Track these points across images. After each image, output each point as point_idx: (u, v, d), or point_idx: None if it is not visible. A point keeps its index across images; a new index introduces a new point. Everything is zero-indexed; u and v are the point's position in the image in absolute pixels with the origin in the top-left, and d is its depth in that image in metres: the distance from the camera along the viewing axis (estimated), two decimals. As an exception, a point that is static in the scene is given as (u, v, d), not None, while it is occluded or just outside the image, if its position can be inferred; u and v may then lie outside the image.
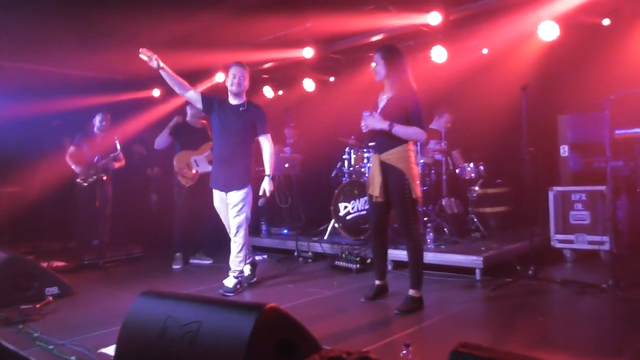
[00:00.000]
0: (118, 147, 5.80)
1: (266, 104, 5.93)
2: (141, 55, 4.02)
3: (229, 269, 4.46)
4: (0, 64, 6.79)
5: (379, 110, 3.72)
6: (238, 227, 4.33)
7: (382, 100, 3.77)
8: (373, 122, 3.61)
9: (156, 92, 8.35)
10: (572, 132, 5.30)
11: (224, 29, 6.13)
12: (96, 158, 5.96)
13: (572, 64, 5.68)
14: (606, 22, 5.39)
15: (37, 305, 3.96)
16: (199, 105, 4.46)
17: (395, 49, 3.74)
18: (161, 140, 5.78)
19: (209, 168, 5.68)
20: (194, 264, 5.84)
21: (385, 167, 3.65)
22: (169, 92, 8.02)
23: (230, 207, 4.36)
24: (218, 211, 4.61)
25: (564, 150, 5.32)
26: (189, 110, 5.83)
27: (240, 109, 4.40)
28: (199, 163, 5.71)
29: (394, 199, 3.66)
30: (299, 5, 5.53)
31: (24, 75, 6.96)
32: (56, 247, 6.66)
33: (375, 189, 3.70)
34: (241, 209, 4.31)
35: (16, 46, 6.15)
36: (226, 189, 4.40)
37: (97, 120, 6.26)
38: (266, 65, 7.66)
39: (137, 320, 2.19)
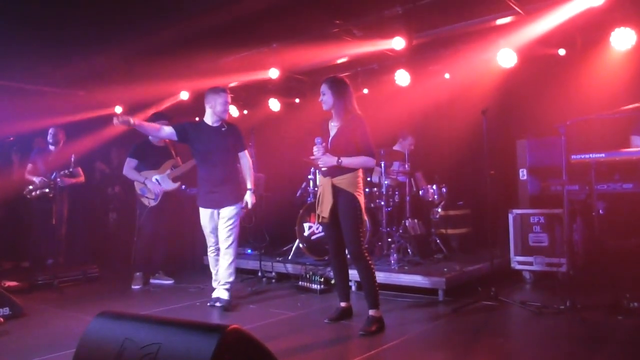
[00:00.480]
0: (72, 163, 5.64)
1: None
2: (118, 123, 4.05)
3: (218, 282, 4.61)
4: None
5: (330, 138, 3.80)
6: (232, 241, 4.51)
7: (332, 128, 3.85)
8: (324, 160, 3.71)
9: (118, 109, 8.19)
10: (530, 156, 5.48)
11: (189, 48, 6.12)
12: (53, 174, 5.77)
13: (530, 90, 5.91)
14: (562, 52, 5.65)
15: (-14, 327, 3.76)
16: (174, 138, 4.54)
17: (341, 80, 3.87)
18: (128, 167, 5.64)
19: (173, 186, 5.62)
20: (154, 284, 5.68)
21: (335, 190, 3.74)
22: (131, 109, 7.90)
23: (224, 221, 4.50)
24: (204, 228, 4.67)
25: (523, 173, 5.48)
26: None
27: (222, 129, 4.57)
28: (161, 181, 5.62)
29: (343, 221, 3.75)
30: (264, 27, 5.57)
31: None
32: (8, 266, 6.38)
33: (324, 210, 3.77)
34: (233, 222, 4.51)
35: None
36: (220, 205, 4.53)
37: (49, 135, 6.09)
38: (231, 85, 7.66)
39: (92, 342, 2.09)
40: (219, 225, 4.55)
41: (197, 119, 7.85)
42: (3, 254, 6.75)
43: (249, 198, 4.62)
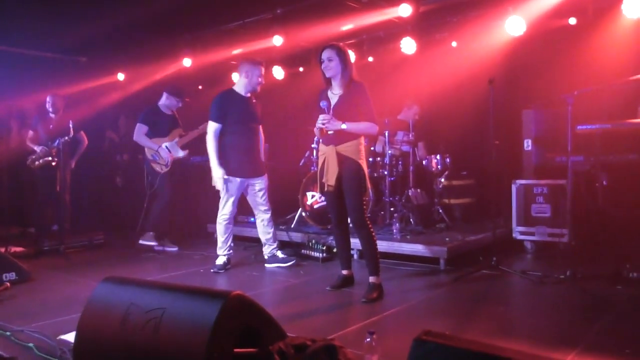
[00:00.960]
0: (72, 129, 5.63)
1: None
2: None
3: (273, 248, 4.96)
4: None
5: (332, 106, 3.76)
6: (269, 206, 4.90)
7: (334, 97, 3.81)
8: (331, 124, 3.67)
9: (120, 76, 8.12)
10: (536, 127, 5.43)
11: (190, 14, 6.02)
12: (56, 142, 5.77)
13: (538, 60, 5.81)
14: (572, 21, 5.52)
15: (-6, 291, 3.83)
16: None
17: (344, 47, 3.88)
18: (139, 133, 5.68)
19: (182, 153, 5.67)
20: (158, 251, 5.74)
21: (340, 158, 3.73)
22: (134, 76, 7.83)
23: (261, 191, 4.84)
24: (230, 197, 4.76)
25: (528, 144, 5.44)
26: (164, 97, 5.76)
27: (254, 100, 4.79)
28: (171, 149, 5.69)
29: (348, 189, 3.75)
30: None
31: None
32: (14, 231, 6.45)
33: (330, 178, 3.76)
34: (266, 191, 4.88)
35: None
36: (255, 174, 4.80)
37: (48, 103, 6.07)
38: (235, 52, 7.55)
39: (98, 306, 2.13)
40: (255, 195, 4.84)
41: (200, 87, 7.75)
42: (9, 220, 6.82)
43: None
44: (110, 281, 2.27)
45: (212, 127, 4.64)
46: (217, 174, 4.63)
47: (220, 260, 4.75)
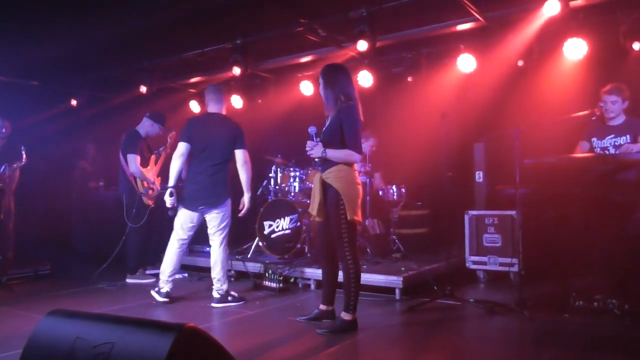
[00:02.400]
0: (24, 155, 5.42)
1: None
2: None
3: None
4: None
5: (323, 130, 3.68)
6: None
7: (328, 120, 3.71)
8: (314, 151, 3.57)
9: (73, 102, 7.89)
10: (486, 159, 5.65)
11: (150, 40, 6.00)
12: (2, 167, 5.53)
13: (488, 96, 6.08)
14: (520, 63, 5.81)
15: None
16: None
17: (333, 66, 3.74)
18: (136, 165, 5.50)
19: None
20: (130, 284, 5.56)
21: (324, 186, 3.61)
22: (89, 101, 7.67)
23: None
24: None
25: (479, 176, 5.64)
26: (148, 124, 5.65)
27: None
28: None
29: (330, 218, 3.58)
30: (228, 21, 5.52)
31: None
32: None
33: (314, 207, 3.65)
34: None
35: None
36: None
37: None
38: (193, 80, 7.54)
39: (42, 342, 2.03)
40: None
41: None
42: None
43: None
44: (55, 314, 2.17)
45: None
46: None
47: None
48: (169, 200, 4.38)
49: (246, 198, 4.51)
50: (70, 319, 2.11)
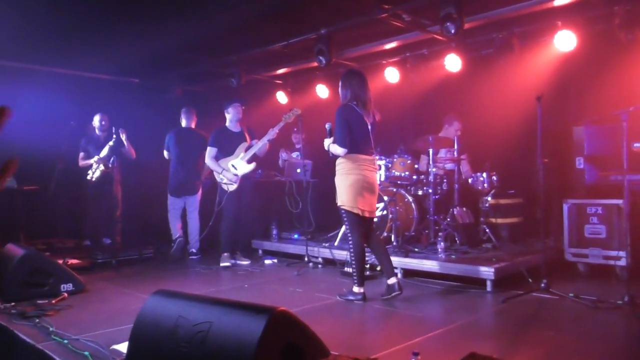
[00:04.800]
0: (124, 141, 5.88)
1: (279, 109, 6.00)
2: None
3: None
4: (28, 67, 6.98)
5: None
6: None
7: None
8: (324, 145, 4.27)
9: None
10: (588, 144, 5.24)
11: (235, 34, 6.21)
12: (112, 159, 6.03)
13: (590, 74, 5.65)
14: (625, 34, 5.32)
15: (53, 301, 4.05)
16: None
17: (348, 74, 4.30)
18: (209, 156, 5.97)
19: (248, 168, 5.80)
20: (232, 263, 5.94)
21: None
22: (183, 95, 8.11)
23: None
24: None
25: (579, 162, 5.26)
26: (226, 115, 5.96)
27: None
28: (237, 166, 5.83)
29: None
30: (311, 11, 5.56)
31: (42, 77, 7.12)
32: (70, 244, 6.75)
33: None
34: None
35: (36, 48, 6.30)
36: None
37: (96, 120, 6.34)
38: (279, 71, 7.71)
39: (149, 318, 2.21)
40: None
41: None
42: (66, 233, 7.16)
43: None
44: (159, 294, 2.35)
45: None
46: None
47: None
48: None
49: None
50: (172, 298, 2.27)
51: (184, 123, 6.71)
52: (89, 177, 6.18)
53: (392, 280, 4.13)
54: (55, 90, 7.03)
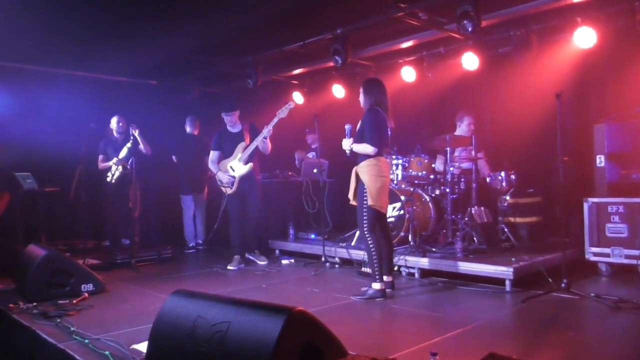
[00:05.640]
0: (137, 137, 6.04)
1: (295, 110, 6.01)
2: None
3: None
4: (49, 70, 7.10)
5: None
6: None
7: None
8: (344, 145, 4.42)
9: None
10: (609, 142, 5.15)
11: (251, 36, 6.25)
12: (130, 160, 6.10)
13: (609, 71, 5.55)
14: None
15: (74, 301, 4.12)
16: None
17: (370, 81, 4.55)
18: (210, 159, 6.08)
19: (245, 169, 5.79)
20: (248, 259, 6.05)
21: (357, 176, 4.32)
22: (200, 96, 8.17)
23: None
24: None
25: (600, 160, 5.17)
26: (225, 118, 5.97)
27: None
28: (235, 168, 5.85)
29: (357, 203, 4.31)
30: (327, 11, 5.56)
31: (62, 80, 7.25)
32: (91, 245, 6.85)
33: (350, 193, 4.39)
34: None
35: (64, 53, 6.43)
36: None
37: (113, 122, 6.41)
38: (295, 72, 7.72)
39: (168, 318, 2.23)
40: None
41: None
42: (86, 234, 7.25)
43: None
44: (178, 294, 2.37)
45: None
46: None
47: None
48: None
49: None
50: (191, 298, 2.30)
51: (188, 129, 7.35)
52: (108, 179, 6.25)
53: (388, 279, 4.38)
54: (75, 92, 7.18)
